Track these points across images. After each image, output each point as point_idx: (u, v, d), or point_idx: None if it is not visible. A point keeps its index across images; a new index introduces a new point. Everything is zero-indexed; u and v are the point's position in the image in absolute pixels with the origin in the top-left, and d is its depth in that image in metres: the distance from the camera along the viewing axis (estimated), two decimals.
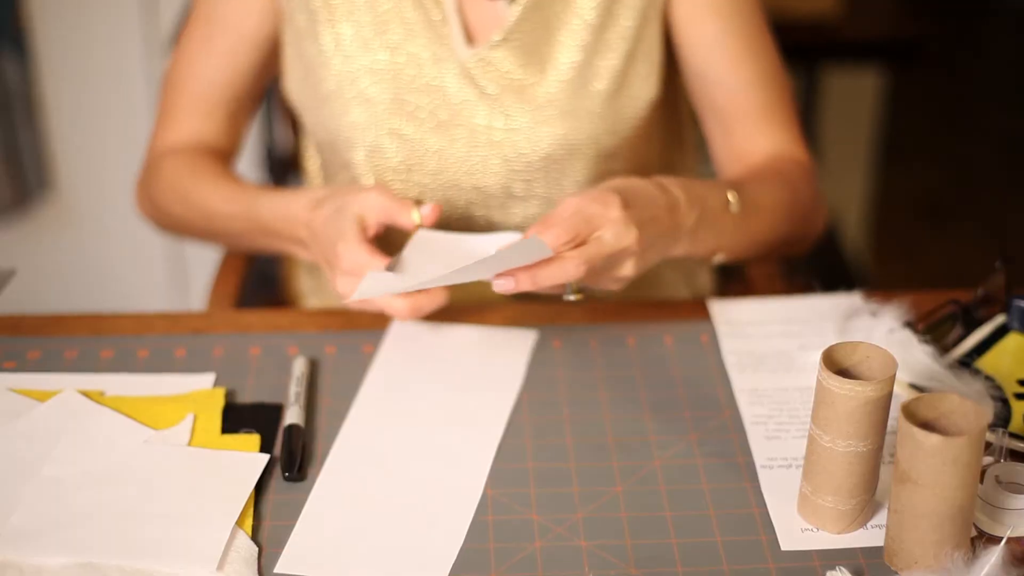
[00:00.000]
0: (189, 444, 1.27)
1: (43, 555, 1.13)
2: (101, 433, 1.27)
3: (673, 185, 1.40)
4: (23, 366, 1.39)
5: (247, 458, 1.26)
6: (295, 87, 1.63)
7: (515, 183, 1.57)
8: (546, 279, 1.28)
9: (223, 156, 1.68)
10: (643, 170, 1.61)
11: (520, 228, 1.58)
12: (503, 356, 1.41)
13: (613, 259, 1.32)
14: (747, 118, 1.59)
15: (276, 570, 1.14)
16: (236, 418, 1.31)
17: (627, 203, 1.32)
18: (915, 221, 3.80)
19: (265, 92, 1.73)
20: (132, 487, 1.21)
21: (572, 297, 1.31)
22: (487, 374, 1.39)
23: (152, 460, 1.24)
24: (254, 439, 1.28)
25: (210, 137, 1.67)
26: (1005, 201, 3.87)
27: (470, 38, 1.55)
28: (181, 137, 1.67)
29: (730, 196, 1.45)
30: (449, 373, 1.39)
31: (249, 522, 1.18)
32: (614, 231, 1.30)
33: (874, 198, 3.53)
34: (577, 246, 1.29)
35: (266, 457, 1.25)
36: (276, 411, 1.33)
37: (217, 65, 1.64)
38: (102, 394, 1.33)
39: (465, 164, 1.56)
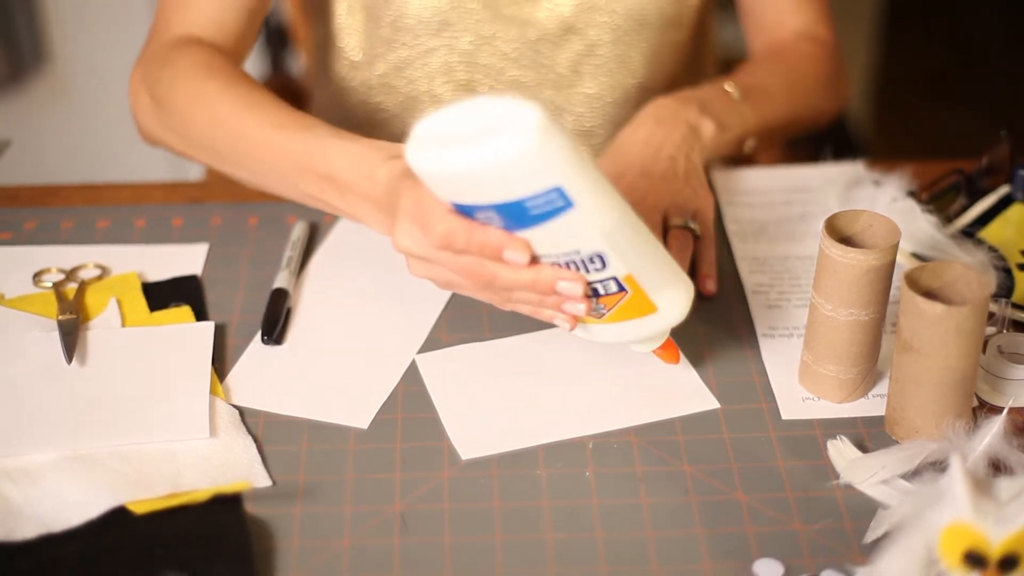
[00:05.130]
0: (123, 327, 1.26)
1: (26, 453, 1.11)
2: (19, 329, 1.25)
3: (656, 100, 1.40)
4: (19, 237, 1.39)
5: (193, 328, 1.25)
6: None
7: (584, 63, 1.55)
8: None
9: (238, 61, 1.44)
10: (701, 39, 1.65)
11: (583, 107, 1.58)
12: None
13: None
14: None
15: None
16: (158, 295, 1.30)
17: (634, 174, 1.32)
18: (918, 96, 3.78)
19: None
20: (92, 375, 1.19)
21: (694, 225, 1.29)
22: None
23: (101, 346, 1.23)
24: (186, 311, 1.28)
25: (229, 30, 1.43)
26: (1009, 75, 3.84)
27: None
28: (197, 22, 1.43)
29: (726, 86, 1.45)
30: None
31: (219, 388, 1.19)
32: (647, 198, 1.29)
33: (877, 72, 3.50)
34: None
35: (212, 324, 1.25)
36: (194, 281, 1.32)
37: None
38: (2, 297, 1.30)
39: (537, 43, 1.54)
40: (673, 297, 1.11)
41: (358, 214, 1.22)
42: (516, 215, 1.02)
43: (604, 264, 1.06)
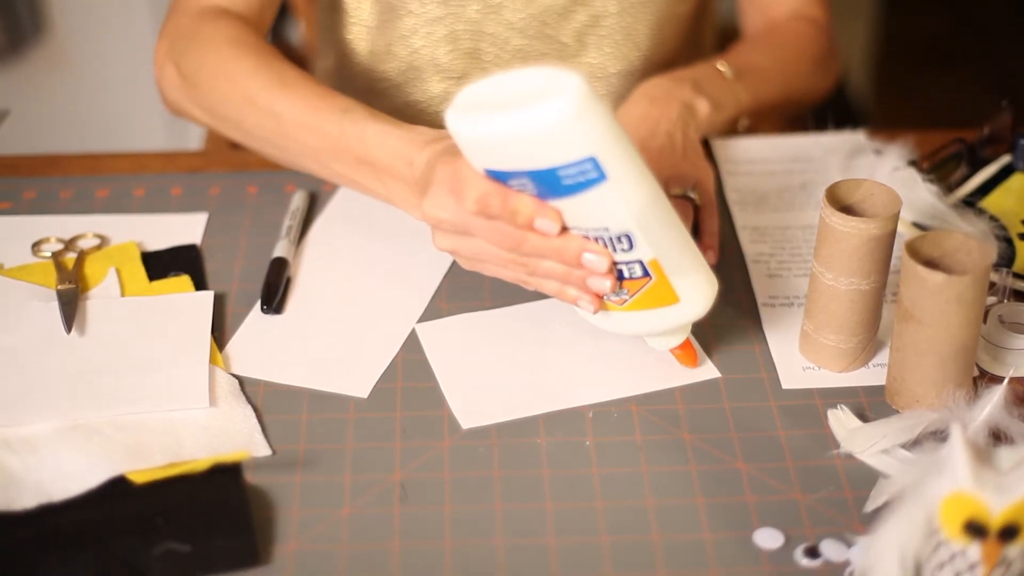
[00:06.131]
0: (122, 297, 1.26)
1: (26, 423, 1.11)
2: (22, 299, 1.25)
3: (651, 80, 1.40)
4: (18, 207, 1.38)
5: (193, 297, 1.25)
6: None
7: (589, 34, 1.55)
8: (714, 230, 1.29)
9: (262, 33, 1.44)
10: (703, 12, 1.65)
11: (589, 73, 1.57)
12: None
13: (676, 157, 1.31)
14: None
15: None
16: (157, 264, 1.30)
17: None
18: (919, 65, 3.77)
19: None
20: (92, 344, 1.19)
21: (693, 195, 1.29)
22: None
23: (101, 316, 1.23)
24: (185, 280, 1.28)
25: (254, 1, 1.44)
26: (1011, 44, 3.83)
27: None
28: None
29: (719, 65, 1.45)
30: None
31: (218, 357, 1.19)
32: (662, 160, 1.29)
33: (877, 42, 3.49)
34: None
35: (211, 294, 1.25)
36: (193, 251, 1.32)
37: None
38: (1, 267, 1.30)
39: (544, 13, 1.53)
40: (696, 289, 1.11)
41: (393, 196, 1.23)
42: (549, 184, 1.02)
43: (631, 245, 1.06)
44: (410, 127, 1.22)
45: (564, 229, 1.07)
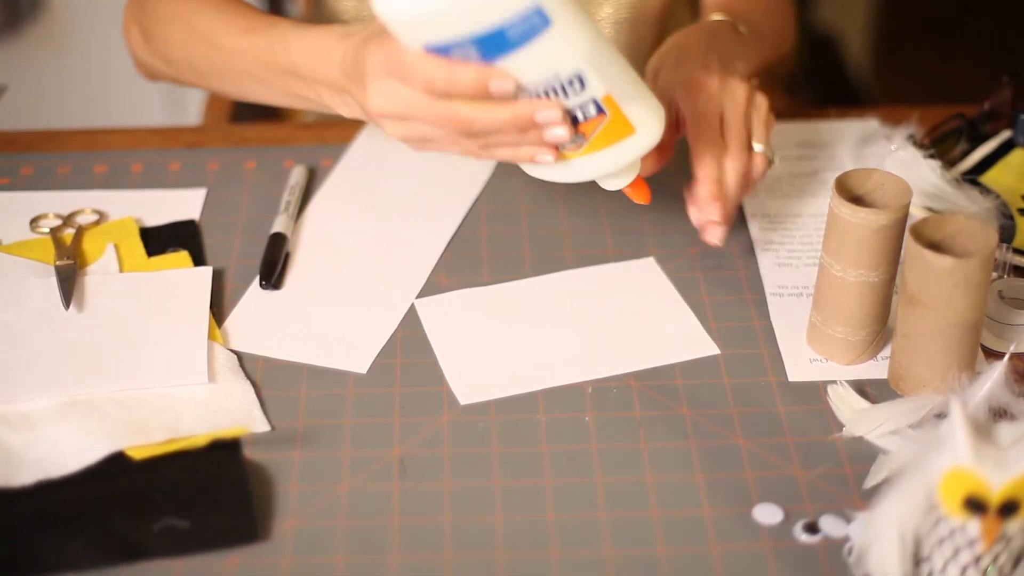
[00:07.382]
0: (121, 272, 1.26)
1: (24, 399, 1.10)
2: (19, 275, 1.25)
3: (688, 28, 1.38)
4: (16, 182, 1.38)
5: (191, 273, 1.25)
6: None
7: None
8: (751, 184, 1.23)
9: None
10: None
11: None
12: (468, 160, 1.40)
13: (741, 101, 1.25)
14: None
15: None
16: (155, 240, 1.30)
17: (706, 65, 1.26)
18: (919, 40, 3.76)
19: None
20: (90, 320, 1.19)
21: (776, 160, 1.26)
22: (450, 175, 1.39)
23: (99, 291, 1.22)
24: (183, 256, 1.27)
25: None
26: (1012, 20, 3.82)
27: None
28: None
29: (740, 26, 1.42)
30: (415, 170, 1.39)
31: (217, 333, 1.18)
32: (728, 100, 1.23)
33: (879, 18, 3.48)
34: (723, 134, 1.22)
35: (210, 269, 1.25)
36: (192, 226, 1.32)
37: None
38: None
39: None
40: (649, 115, 1.09)
41: (327, 102, 1.21)
42: (494, 44, 1.00)
43: (583, 84, 1.04)
44: (325, 27, 1.20)
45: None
